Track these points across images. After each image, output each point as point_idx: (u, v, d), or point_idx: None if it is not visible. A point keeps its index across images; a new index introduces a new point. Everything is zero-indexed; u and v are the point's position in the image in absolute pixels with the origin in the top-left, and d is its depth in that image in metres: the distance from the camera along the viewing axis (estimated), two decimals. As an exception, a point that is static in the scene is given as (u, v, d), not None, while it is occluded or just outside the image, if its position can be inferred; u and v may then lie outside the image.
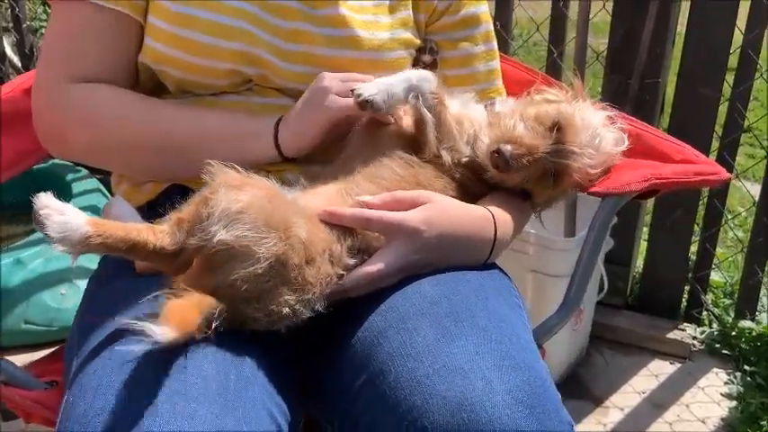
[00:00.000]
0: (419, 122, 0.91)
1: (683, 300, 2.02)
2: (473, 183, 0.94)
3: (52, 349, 1.09)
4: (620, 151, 0.97)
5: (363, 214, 0.83)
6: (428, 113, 0.90)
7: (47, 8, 3.39)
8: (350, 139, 0.94)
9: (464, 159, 0.93)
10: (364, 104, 0.87)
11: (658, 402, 1.77)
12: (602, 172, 0.95)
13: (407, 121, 0.94)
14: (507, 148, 0.87)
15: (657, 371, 1.88)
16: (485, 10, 1.09)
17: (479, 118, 0.97)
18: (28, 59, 2.63)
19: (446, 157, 0.91)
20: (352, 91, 0.87)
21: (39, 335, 1.83)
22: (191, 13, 0.92)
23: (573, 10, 1.85)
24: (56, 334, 1.83)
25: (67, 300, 1.85)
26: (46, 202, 0.71)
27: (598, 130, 0.92)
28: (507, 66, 1.19)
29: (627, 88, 1.78)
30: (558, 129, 0.89)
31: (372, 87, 0.87)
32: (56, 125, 0.96)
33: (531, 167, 0.89)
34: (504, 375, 0.70)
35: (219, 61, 0.93)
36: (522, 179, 0.91)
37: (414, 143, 0.92)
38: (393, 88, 0.88)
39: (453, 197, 0.90)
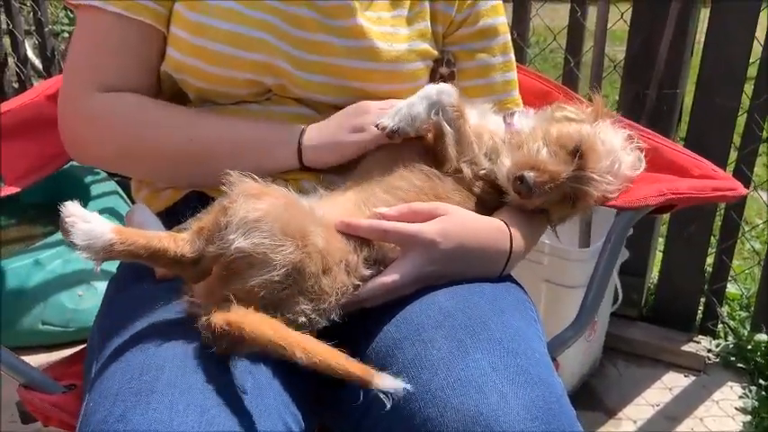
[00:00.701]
0: (439, 136, 0.92)
1: (699, 312, 2.00)
2: (490, 195, 0.93)
3: (68, 350, 1.10)
4: (637, 174, 0.97)
5: (380, 226, 0.83)
6: (448, 127, 0.90)
7: (68, 12, 3.44)
8: (369, 150, 0.95)
9: (482, 172, 0.93)
10: (393, 135, 0.89)
11: (672, 415, 1.76)
12: (619, 193, 0.94)
13: (428, 135, 0.94)
14: (531, 175, 0.87)
15: (671, 383, 1.86)
16: (502, 21, 1.10)
17: (498, 130, 0.96)
18: (49, 62, 2.67)
19: (466, 170, 0.92)
20: (377, 125, 0.89)
21: (55, 335, 1.85)
22: (209, 22, 0.93)
23: (590, 20, 1.84)
24: (72, 335, 1.85)
25: (85, 301, 1.87)
26: (72, 210, 0.72)
27: (618, 155, 0.92)
28: (524, 76, 1.19)
29: (644, 98, 1.76)
30: (580, 155, 0.88)
31: (395, 116, 0.89)
32: (80, 132, 0.98)
33: (552, 193, 0.88)
34: (519, 390, 0.71)
35: (239, 71, 0.94)
36: (542, 203, 0.90)
37: (434, 156, 0.92)
38: (414, 110, 0.89)
39: (471, 210, 0.91)
